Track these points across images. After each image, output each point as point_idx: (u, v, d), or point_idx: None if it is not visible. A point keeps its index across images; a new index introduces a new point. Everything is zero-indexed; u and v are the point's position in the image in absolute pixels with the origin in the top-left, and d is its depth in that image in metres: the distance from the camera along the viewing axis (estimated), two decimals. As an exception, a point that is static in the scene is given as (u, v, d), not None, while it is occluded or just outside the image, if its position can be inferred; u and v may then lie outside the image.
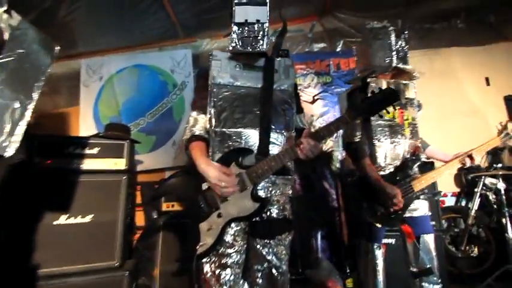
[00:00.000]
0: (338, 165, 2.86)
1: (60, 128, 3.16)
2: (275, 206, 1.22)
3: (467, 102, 3.11)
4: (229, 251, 1.15)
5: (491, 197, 2.61)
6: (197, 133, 1.26)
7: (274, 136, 1.23)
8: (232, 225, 1.17)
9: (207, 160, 1.19)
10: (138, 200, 2.82)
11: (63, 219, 1.82)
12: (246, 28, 1.20)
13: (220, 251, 1.15)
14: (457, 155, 1.70)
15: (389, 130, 1.65)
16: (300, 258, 2.43)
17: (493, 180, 2.59)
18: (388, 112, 1.60)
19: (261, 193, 1.20)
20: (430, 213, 1.66)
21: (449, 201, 2.87)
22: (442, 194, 1.72)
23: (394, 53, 1.61)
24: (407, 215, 1.61)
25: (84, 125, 2.99)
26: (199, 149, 1.24)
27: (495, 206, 2.57)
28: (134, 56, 3.17)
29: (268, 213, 1.20)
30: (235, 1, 1.20)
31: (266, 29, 1.20)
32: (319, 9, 3.21)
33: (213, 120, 1.23)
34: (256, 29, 1.20)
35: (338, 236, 2.56)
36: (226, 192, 1.13)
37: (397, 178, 1.60)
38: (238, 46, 1.20)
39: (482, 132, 2.97)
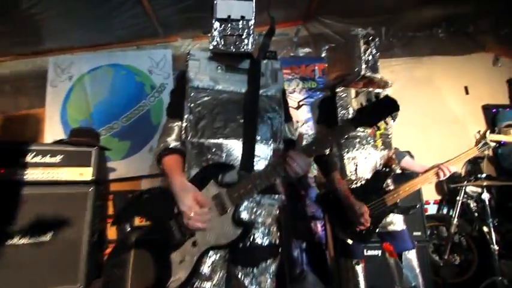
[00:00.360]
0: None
1: (23, 132, 2.87)
2: (260, 230, 1.08)
3: (447, 110, 3.15)
4: (207, 285, 0.99)
5: (473, 205, 2.64)
6: (172, 145, 1.10)
7: (259, 148, 1.09)
8: (210, 253, 1.01)
9: (182, 181, 1.02)
10: (111, 211, 2.59)
11: (17, 239, 1.60)
12: (229, 25, 1.07)
13: (195, 286, 0.99)
14: (433, 167, 1.63)
15: (359, 142, 1.58)
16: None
17: (474, 189, 2.62)
18: (386, 123, 1.56)
19: (244, 215, 1.06)
20: (405, 227, 1.60)
21: (432, 209, 2.88)
22: (417, 206, 1.65)
23: (362, 61, 1.56)
24: (383, 230, 1.56)
25: (50, 129, 2.72)
26: (174, 164, 1.08)
27: (476, 214, 2.60)
28: (109, 54, 2.94)
29: (251, 238, 1.06)
30: None
31: (251, 27, 1.08)
32: (304, 14, 3.15)
33: (190, 130, 1.07)
34: (240, 26, 1.07)
35: (324, 248, 2.47)
36: (193, 226, 0.97)
37: (368, 192, 1.53)
38: (220, 45, 1.07)
39: (463, 140, 3.06)
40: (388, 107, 1.05)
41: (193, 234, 0.99)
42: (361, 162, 1.57)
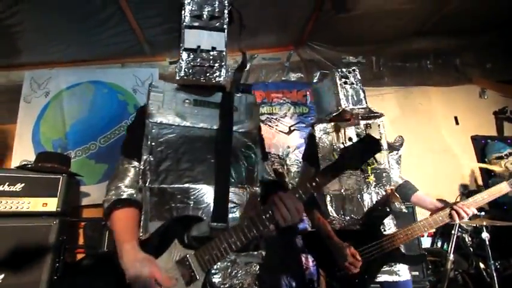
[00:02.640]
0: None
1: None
2: None
3: (438, 140, 3.15)
4: None
5: (468, 239, 2.54)
6: (125, 196, 0.90)
7: (234, 193, 0.94)
8: None
9: (133, 250, 0.81)
10: (81, 241, 2.33)
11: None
12: (199, 55, 0.96)
13: None
14: (445, 206, 1.42)
15: (344, 180, 1.44)
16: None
17: (468, 222, 2.54)
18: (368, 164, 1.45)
19: (217, 279, 0.87)
20: (410, 277, 1.42)
21: (426, 242, 2.77)
22: (425, 256, 1.48)
23: (341, 95, 1.50)
24: (382, 279, 1.37)
25: (20, 148, 2.49)
26: (125, 225, 0.87)
27: (471, 249, 2.50)
28: (90, 71, 2.79)
29: None
30: (185, 23, 0.96)
31: (224, 58, 0.98)
32: (296, 39, 3.15)
33: (149, 174, 0.90)
34: (211, 57, 0.97)
35: (315, 286, 2.28)
36: None
37: (361, 235, 1.37)
38: (189, 76, 0.95)
39: (455, 170, 3.05)
40: (370, 148, 0.96)
41: None
42: (349, 201, 1.42)
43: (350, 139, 1.51)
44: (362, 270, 1.29)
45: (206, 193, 0.91)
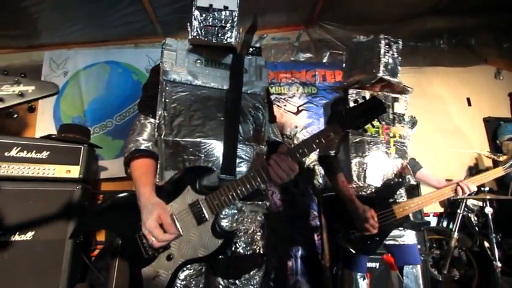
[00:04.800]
0: (321, 180, 2.70)
1: (15, 127, 2.78)
2: (242, 239, 0.98)
3: (450, 121, 3.11)
4: None
5: (473, 218, 2.56)
6: (143, 147, 0.98)
7: (242, 149, 1.00)
8: (188, 266, 0.92)
9: (148, 195, 0.89)
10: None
11: (-5, 237, 1.51)
12: (211, 15, 0.97)
13: None
14: (451, 183, 1.53)
15: (370, 147, 1.50)
16: (274, 282, 2.21)
17: (475, 202, 2.56)
18: (373, 126, 1.48)
19: (225, 223, 0.96)
20: (416, 242, 1.52)
21: (431, 222, 2.80)
22: (429, 224, 1.56)
23: (381, 63, 1.49)
24: (390, 242, 1.47)
25: (42, 125, 2.64)
26: (143, 172, 0.96)
27: (477, 229, 2.53)
28: (106, 51, 2.88)
29: (233, 248, 0.97)
30: None
31: (236, 19, 0.99)
32: (306, 19, 3.13)
33: (164, 127, 0.97)
34: (223, 17, 0.98)
35: (319, 258, 2.38)
36: (151, 248, 0.87)
37: (377, 201, 1.44)
38: (201, 36, 0.97)
39: (466, 153, 3.02)
40: (374, 109, 0.98)
41: (168, 247, 0.89)
42: (371, 168, 1.49)
43: None
44: (374, 234, 1.38)
45: (216, 147, 0.97)
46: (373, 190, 1.48)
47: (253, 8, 1.07)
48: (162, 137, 0.97)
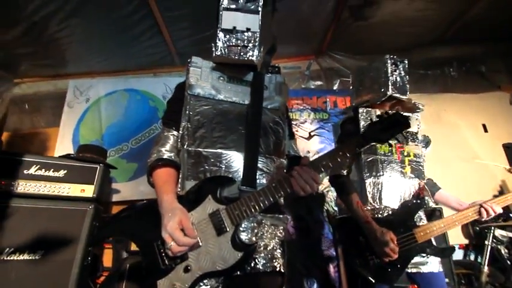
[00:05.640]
0: (335, 207, 2.61)
1: (36, 149, 2.89)
2: (262, 255, 0.94)
3: (466, 148, 3.02)
4: None
5: (504, 250, 2.36)
6: (165, 156, 1.01)
7: (262, 161, 1.00)
8: (205, 281, 0.87)
9: (170, 201, 0.90)
10: (109, 235, 2.46)
11: (5, 255, 1.49)
12: (234, 36, 1.03)
13: None
14: (473, 204, 1.45)
15: (383, 167, 1.45)
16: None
17: (504, 232, 2.38)
18: (389, 146, 1.46)
19: (244, 236, 0.93)
20: (442, 270, 1.39)
21: (457, 255, 2.60)
22: (454, 249, 1.45)
23: (389, 81, 1.49)
24: (413, 270, 1.35)
25: (61, 147, 2.73)
26: (165, 180, 0.98)
27: (509, 262, 2.32)
28: (126, 79, 3.06)
29: (252, 263, 0.92)
30: (223, 5, 1.05)
31: (257, 39, 1.04)
32: (316, 49, 3.27)
33: (187, 138, 0.99)
34: (245, 37, 1.03)
35: (336, 291, 2.21)
36: (170, 252, 0.84)
37: (396, 224, 1.35)
38: (224, 54, 1.03)
39: (486, 178, 2.89)
40: (399, 124, 0.98)
41: (185, 258, 0.86)
42: (386, 189, 1.42)
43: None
44: (395, 260, 1.27)
45: (236, 159, 0.98)
46: (390, 212, 1.40)
47: (267, 39, 1.13)
48: (185, 147, 0.99)
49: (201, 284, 0.86)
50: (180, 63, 3.09)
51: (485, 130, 3.10)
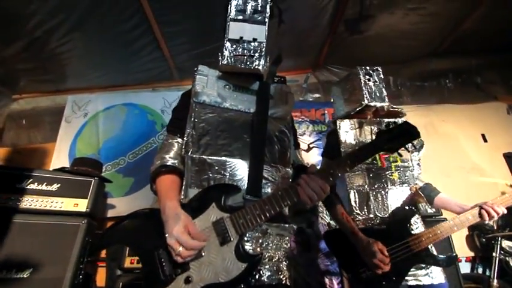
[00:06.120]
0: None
1: (33, 164, 2.85)
2: (267, 266, 0.89)
3: (467, 158, 3.00)
4: None
5: (512, 263, 2.28)
6: (169, 163, 0.99)
7: (267, 170, 0.98)
8: None
9: (174, 207, 0.88)
10: (103, 253, 2.37)
11: (-9, 274, 1.41)
12: (241, 45, 1.05)
13: None
14: (475, 206, 1.37)
15: (368, 175, 1.43)
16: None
17: (511, 244, 2.31)
18: (400, 155, 1.42)
19: (248, 247, 0.90)
20: (445, 281, 1.30)
21: (465, 268, 2.50)
22: (457, 258, 1.37)
23: (363, 91, 1.51)
24: (413, 283, 1.27)
25: (57, 161, 2.69)
26: (168, 187, 0.96)
27: (519, 275, 2.23)
28: (124, 94, 3.07)
29: (257, 275, 0.87)
30: (230, 16, 1.07)
31: (263, 49, 1.05)
32: (313, 63, 3.32)
33: (191, 145, 0.98)
34: (252, 47, 1.05)
35: (340, 309, 2.10)
36: (180, 258, 0.81)
37: (388, 233, 1.30)
38: (230, 63, 1.04)
39: (488, 188, 2.85)
40: (408, 133, 0.98)
41: (187, 269, 0.82)
42: (374, 197, 1.39)
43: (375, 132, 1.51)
44: (389, 272, 1.21)
45: (241, 167, 0.97)
46: (381, 222, 1.35)
47: (272, 51, 1.14)
48: (189, 154, 0.98)
49: None
50: (179, 77, 3.12)
51: (485, 140, 3.09)
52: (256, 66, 1.03)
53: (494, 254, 2.20)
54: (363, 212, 1.38)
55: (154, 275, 0.82)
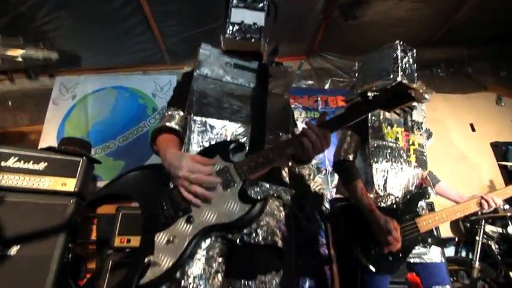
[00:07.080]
0: (328, 205, 2.58)
1: (19, 146, 2.79)
2: (264, 228, 0.90)
3: (454, 147, 3.06)
4: (200, 283, 0.77)
5: (494, 246, 2.36)
6: (170, 126, 1.01)
7: (269, 135, 1.00)
8: (207, 242, 0.82)
9: (176, 151, 0.92)
10: (94, 236, 2.36)
11: (-23, 251, 1.39)
12: (242, 27, 1.12)
13: (183, 284, 0.76)
14: (474, 196, 1.45)
15: (390, 153, 1.42)
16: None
17: (494, 228, 2.39)
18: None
19: (252, 194, 0.90)
20: (444, 260, 1.36)
21: (448, 251, 2.59)
22: (455, 240, 1.45)
23: (399, 67, 1.45)
24: (415, 260, 1.32)
25: (44, 144, 2.62)
26: (169, 140, 0.99)
27: (499, 257, 2.32)
28: (114, 77, 3.00)
29: (253, 234, 0.88)
30: (232, 3, 1.14)
31: (262, 32, 1.12)
32: (307, 49, 3.30)
33: (193, 107, 1.00)
34: (252, 30, 1.12)
35: (328, 289, 2.16)
36: (196, 193, 0.81)
37: (399, 213, 1.33)
38: (233, 37, 1.11)
39: (474, 176, 2.92)
40: (404, 96, 1.03)
41: (188, 211, 0.82)
42: (391, 176, 1.39)
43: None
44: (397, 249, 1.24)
45: (242, 132, 0.99)
46: (393, 201, 1.37)
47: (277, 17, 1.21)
48: (192, 115, 1.00)
49: (206, 244, 0.82)
50: (170, 61, 3.06)
51: (473, 129, 3.15)
52: (257, 42, 1.11)
53: (477, 238, 2.27)
54: (380, 190, 1.38)
55: (154, 220, 0.82)
